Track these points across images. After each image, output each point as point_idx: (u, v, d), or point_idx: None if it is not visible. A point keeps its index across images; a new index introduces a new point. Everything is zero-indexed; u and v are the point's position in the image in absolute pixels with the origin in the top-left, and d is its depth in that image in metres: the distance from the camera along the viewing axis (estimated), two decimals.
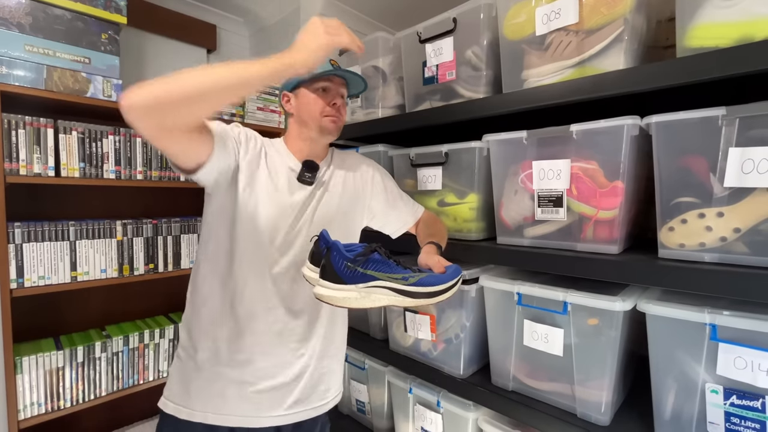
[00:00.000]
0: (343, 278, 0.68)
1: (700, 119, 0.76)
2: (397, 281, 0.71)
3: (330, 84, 0.92)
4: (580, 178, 0.92)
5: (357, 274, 0.69)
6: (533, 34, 1.00)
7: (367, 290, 0.70)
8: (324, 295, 0.69)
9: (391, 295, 0.71)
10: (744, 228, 0.73)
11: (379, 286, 0.70)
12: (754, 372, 0.71)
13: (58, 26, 1.14)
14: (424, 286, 0.73)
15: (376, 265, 0.71)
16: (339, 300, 0.68)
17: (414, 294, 0.72)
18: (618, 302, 0.84)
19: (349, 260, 0.69)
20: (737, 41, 0.72)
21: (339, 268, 0.68)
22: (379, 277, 0.70)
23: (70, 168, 1.21)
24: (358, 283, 0.69)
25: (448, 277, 0.76)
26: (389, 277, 0.71)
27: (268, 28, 1.83)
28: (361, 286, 0.69)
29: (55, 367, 1.22)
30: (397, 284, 0.71)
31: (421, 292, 0.73)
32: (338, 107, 0.91)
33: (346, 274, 0.68)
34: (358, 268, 0.69)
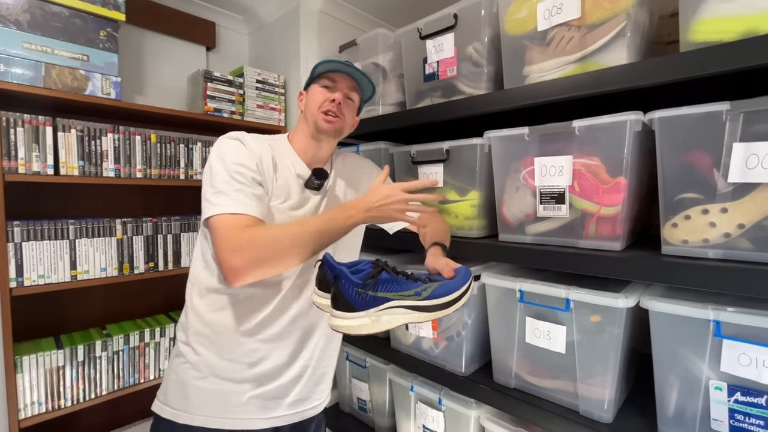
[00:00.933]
0: (356, 305, 0.66)
1: (703, 114, 0.75)
2: (411, 298, 0.69)
3: (335, 81, 0.90)
4: (582, 174, 0.92)
5: (369, 298, 0.66)
6: (535, 30, 0.99)
7: (382, 313, 0.67)
8: (340, 325, 0.66)
9: (407, 313, 0.69)
10: (748, 224, 0.73)
11: (394, 306, 0.68)
12: (759, 368, 0.71)
13: (56, 23, 1.14)
14: (438, 298, 0.71)
15: (387, 285, 0.68)
16: (355, 328, 0.66)
17: (429, 308, 0.70)
18: (621, 299, 0.84)
19: (358, 286, 0.66)
20: (741, 35, 0.71)
21: (350, 296, 0.66)
22: (391, 297, 0.68)
23: (69, 166, 1.20)
24: (371, 307, 0.66)
25: (459, 283, 0.74)
26: (401, 295, 0.69)
27: (268, 25, 1.82)
28: (374, 311, 0.66)
29: (55, 366, 1.22)
30: (411, 301, 0.69)
31: (437, 304, 0.71)
32: (338, 104, 0.89)
33: (358, 300, 0.66)
34: (369, 293, 0.66)
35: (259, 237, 0.72)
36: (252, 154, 0.82)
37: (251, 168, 0.80)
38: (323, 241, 0.75)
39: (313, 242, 0.74)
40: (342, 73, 0.90)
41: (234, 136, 0.85)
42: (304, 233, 0.73)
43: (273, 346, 0.87)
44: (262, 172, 0.82)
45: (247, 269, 0.71)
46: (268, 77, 1.65)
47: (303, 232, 0.73)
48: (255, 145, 0.84)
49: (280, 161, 0.88)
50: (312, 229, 0.74)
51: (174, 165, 1.44)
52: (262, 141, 0.88)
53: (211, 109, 1.48)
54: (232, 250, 0.71)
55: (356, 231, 1.05)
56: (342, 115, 0.90)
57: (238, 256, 0.70)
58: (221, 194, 0.76)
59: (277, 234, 0.73)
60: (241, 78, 1.58)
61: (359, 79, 0.92)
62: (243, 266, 0.70)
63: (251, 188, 0.78)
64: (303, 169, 0.91)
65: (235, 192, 0.76)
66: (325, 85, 0.90)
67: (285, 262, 0.74)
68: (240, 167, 0.79)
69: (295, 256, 0.73)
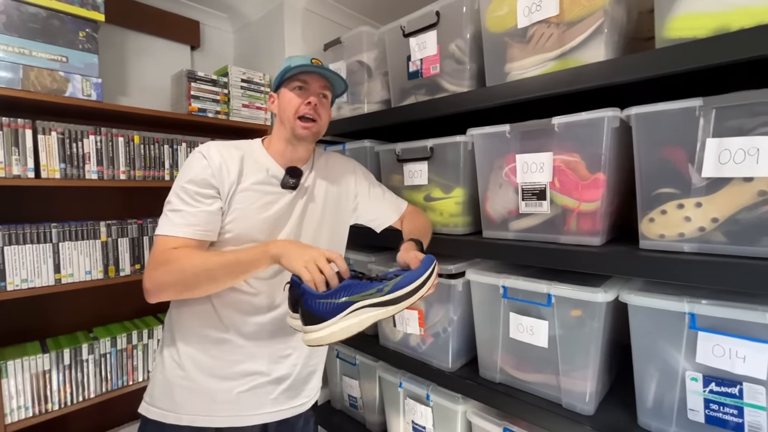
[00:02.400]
0: (323, 315, 0.68)
1: (678, 110, 0.76)
2: (373, 296, 0.72)
3: (307, 83, 0.90)
4: (562, 170, 0.93)
5: (333, 306, 0.69)
6: (515, 27, 0.99)
7: (349, 317, 0.70)
8: (312, 339, 0.69)
9: (373, 311, 0.72)
10: (722, 218, 0.74)
11: (359, 308, 0.71)
12: (732, 359, 0.72)
13: (34, 24, 1.12)
14: (400, 289, 0.74)
15: (349, 290, 0.71)
16: (327, 338, 0.68)
17: (394, 300, 0.73)
18: (600, 293, 0.85)
19: (320, 297, 0.69)
20: (714, 32, 0.72)
21: (315, 308, 0.68)
22: (354, 300, 0.71)
23: (50, 169, 1.19)
24: (337, 314, 0.69)
25: (420, 271, 0.77)
26: (364, 296, 0.72)
27: (253, 24, 1.81)
28: (340, 317, 0.69)
29: (41, 370, 1.21)
30: (374, 299, 0.72)
31: (400, 295, 0.74)
32: (314, 106, 0.89)
33: (323, 310, 0.68)
34: (332, 301, 0.69)
35: (172, 265, 0.76)
36: (210, 166, 0.83)
37: (202, 182, 0.82)
38: (232, 274, 0.77)
39: (224, 273, 0.76)
40: (313, 73, 0.90)
41: (199, 149, 0.87)
42: (207, 267, 0.75)
43: (259, 344, 0.88)
44: (221, 182, 0.84)
45: (153, 292, 0.77)
46: (254, 76, 1.64)
47: (207, 265, 0.75)
48: (219, 156, 0.85)
49: (251, 165, 0.89)
50: (215, 263, 0.76)
51: (158, 166, 1.43)
52: (232, 149, 0.88)
53: (195, 109, 1.47)
54: (149, 272, 0.78)
55: (341, 229, 1.06)
56: (319, 117, 0.91)
57: (149, 279, 0.77)
58: (165, 216, 0.82)
59: (185, 265, 0.76)
60: (225, 77, 1.57)
61: (330, 77, 0.92)
62: (151, 289, 0.77)
63: (195, 206, 0.81)
64: (277, 170, 0.91)
65: (175, 214, 0.81)
66: (297, 87, 0.90)
67: (192, 291, 0.78)
68: (190, 185, 0.82)
69: (201, 287, 0.77)
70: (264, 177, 0.89)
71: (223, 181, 0.83)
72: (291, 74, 0.89)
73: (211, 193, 0.82)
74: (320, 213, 0.97)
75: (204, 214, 0.81)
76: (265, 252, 0.75)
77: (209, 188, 0.82)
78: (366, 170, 1.15)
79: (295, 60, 0.90)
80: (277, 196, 0.90)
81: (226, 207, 0.84)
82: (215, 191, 0.83)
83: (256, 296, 0.87)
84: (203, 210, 0.81)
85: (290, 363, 0.92)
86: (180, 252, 0.77)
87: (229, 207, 0.84)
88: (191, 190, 0.81)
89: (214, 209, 0.82)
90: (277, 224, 0.89)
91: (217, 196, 0.83)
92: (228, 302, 0.85)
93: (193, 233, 0.80)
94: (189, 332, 0.86)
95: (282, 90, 0.92)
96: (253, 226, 0.86)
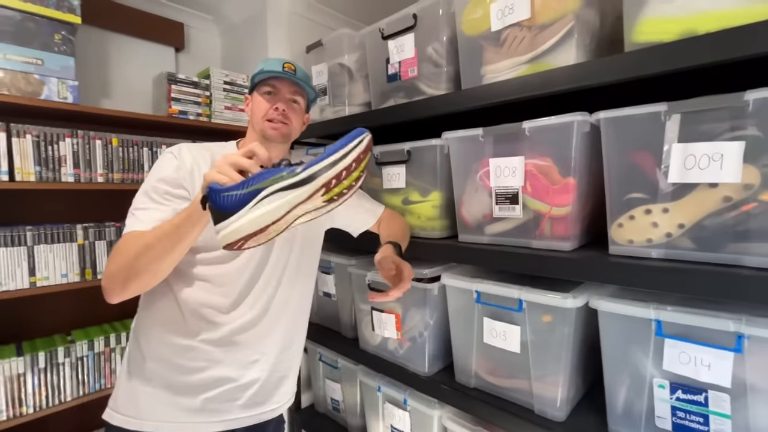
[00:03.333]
0: (228, 209, 0.60)
1: (645, 115, 0.75)
2: (284, 178, 0.61)
3: (276, 88, 0.90)
4: (534, 175, 0.92)
5: (239, 197, 0.60)
6: (489, 30, 0.99)
7: (258, 206, 0.60)
8: (221, 237, 0.60)
9: (287, 195, 0.60)
10: (688, 224, 0.73)
11: (269, 194, 0.60)
12: (697, 366, 0.72)
13: (7, 27, 1.11)
14: (315, 165, 0.61)
15: (259, 177, 0.61)
16: (235, 233, 0.59)
17: (311, 177, 0.60)
18: (569, 299, 0.84)
19: (225, 190, 0.60)
20: (680, 36, 0.72)
21: (220, 204, 0.60)
22: (262, 186, 0.60)
23: (25, 172, 1.18)
24: (245, 204, 0.60)
25: (340, 144, 0.62)
26: (274, 179, 0.61)
27: (237, 26, 1.80)
28: (249, 207, 0.60)
29: (15, 373, 1.21)
30: (286, 181, 0.60)
31: (319, 169, 0.60)
32: (282, 111, 0.89)
33: (228, 204, 0.60)
34: (237, 192, 0.60)
35: (114, 256, 0.73)
36: (180, 166, 0.82)
37: (173, 182, 0.80)
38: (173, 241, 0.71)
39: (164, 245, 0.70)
40: (283, 79, 0.89)
41: (170, 150, 0.85)
42: (145, 242, 0.71)
43: (225, 350, 0.87)
44: (192, 184, 0.82)
45: (107, 288, 0.74)
46: (237, 78, 1.64)
47: (145, 239, 0.71)
48: (191, 157, 0.84)
49: None
50: (153, 236, 0.71)
51: (137, 168, 1.43)
52: (203, 150, 0.88)
53: (175, 111, 1.47)
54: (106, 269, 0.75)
55: (316, 233, 1.05)
56: (289, 120, 0.90)
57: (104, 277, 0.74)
58: (131, 214, 0.79)
59: (124, 248, 0.72)
60: (207, 80, 1.56)
61: (300, 84, 0.91)
62: (104, 285, 0.74)
63: (165, 204, 0.79)
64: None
65: (142, 212, 0.78)
66: (267, 92, 0.90)
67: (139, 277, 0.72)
68: (160, 183, 0.80)
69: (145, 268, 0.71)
70: None
71: (194, 183, 0.82)
72: (261, 78, 0.89)
73: (181, 193, 0.81)
74: None
75: (173, 213, 0.78)
76: (193, 200, 0.69)
77: (180, 188, 0.81)
78: None
79: (269, 63, 0.89)
80: None
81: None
82: (186, 192, 0.81)
83: (224, 304, 0.86)
84: (173, 209, 0.78)
85: (258, 368, 0.91)
86: (127, 240, 0.74)
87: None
88: (161, 189, 0.79)
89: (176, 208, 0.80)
90: None
91: (188, 197, 0.81)
92: (193, 309, 0.84)
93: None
94: (154, 339, 0.85)
95: (254, 93, 0.92)
96: None
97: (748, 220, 0.67)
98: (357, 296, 1.31)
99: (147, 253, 0.70)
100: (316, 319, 1.50)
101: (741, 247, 0.68)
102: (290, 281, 0.96)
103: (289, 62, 0.90)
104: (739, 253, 0.68)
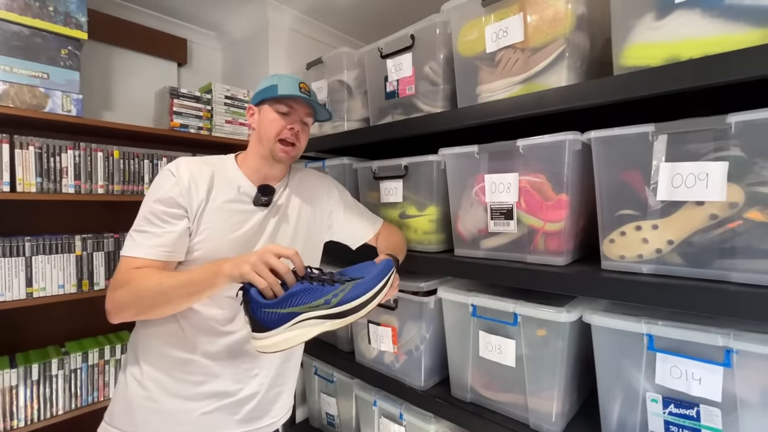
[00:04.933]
0: (267, 325, 0.67)
1: (634, 135, 0.78)
2: (320, 308, 0.69)
3: (293, 108, 0.91)
4: (528, 191, 0.94)
5: (278, 316, 0.67)
6: (484, 51, 1.02)
7: (293, 328, 0.68)
8: (257, 346, 0.68)
9: (320, 323, 0.69)
10: (677, 240, 0.76)
11: (304, 320, 0.69)
12: (689, 381, 0.73)
13: (16, 42, 1.14)
14: (349, 302, 0.71)
15: (296, 298, 0.68)
16: (271, 347, 0.67)
17: (341, 314, 0.70)
18: (563, 313, 0.86)
19: (265, 306, 0.67)
20: (665, 61, 0.75)
21: (260, 317, 0.67)
22: (300, 311, 0.68)
23: (26, 183, 1.20)
24: (282, 324, 0.67)
25: (373, 282, 0.73)
26: (310, 307, 0.69)
27: (239, 42, 1.84)
28: (284, 327, 0.67)
29: (8, 385, 1.19)
30: (321, 311, 0.69)
31: (349, 309, 0.70)
32: (296, 133, 0.90)
33: (268, 319, 0.67)
34: (277, 311, 0.67)
35: (127, 287, 0.76)
36: (178, 184, 0.83)
37: (169, 201, 0.82)
38: (189, 295, 0.76)
39: (177, 295, 0.75)
40: (299, 100, 0.90)
41: (168, 166, 0.87)
42: (163, 289, 0.75)
43: (224, 364, 0.87)
44: (189, 201, 0.83)
45: (113, 313, 0.78)
46: (237, 93, 1.67)
47: (162, 287, 0.75)
48: (188, 173, 0.85)
49: (221, 183, 0.89)
50: (170, 285, 0.75)
51: (138, 180, 1.44)
52: (202, 165, 0.88)
53: (177, 124, 1.49)
54: (110, 293, 0.79)
55: (314, 247, 1.06)
56: (298, 142, 0.92)
57: (109, 300, 0.79)
58: (131, 237, 0.82)
59: (142, 286, 0.76)
60: (209, 94, 1.59)
61: (316, 108, 0.93)
62: (110, 310, 0.79)
63: (162, 227, 0.81)
64: (249, 188, 0.92)
65: (141, 235, 0.81)
66: (282, 112, 0.90)
67: (149, 313, 0.78)
68: (157, 204, 0.82)
69: (158, 308, 0.77)
70: (235, 195, 0.89)
71: (191, 200, 0.83)
72: (279, 96, 0.89)
73: (178, 212, 0.82)
74: (293, 231, 0.97)
75: (170, 235, 0.81)
76: (219, 270, 0.72)
77: (177, 207, 0.82)
78: (341, 187, 1.17)
79: (284, 81, 0.89)
80: (249, 215, 0.90)
81: (194, 226, 0.84)
82: (183, 210, 0.83)
83: (222, 318, 0.86)
84: (169, 231, 0.81)
85: (257, 383, 0.91)
86: (139, 272, 0.77)
87: (197, 226, 0.84)
88: (158, 210, 0.81)
89: (181, 229, 0.82)
90: (247, 243, 0.89)
91: (185, 215, 0.83)
92: (192, 323, 0.84)
93: (158, 254, 0.80)
94: (153, 352, 0.85)
95: (265, 107, 0.91)
96: (222, 246, 0.86)
97: (734, 237, 0.69)
98: None
99: (162, 298, 0.75)
100: None
101: (728, 263, 0.70)
102: None
103: (304, 82, 0.92)
104: (726, 269, 0.70)
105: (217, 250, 0.85)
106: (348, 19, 1.78)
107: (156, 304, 0.76)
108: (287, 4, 1.65)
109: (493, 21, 0.99)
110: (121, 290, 0.76)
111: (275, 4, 1.63)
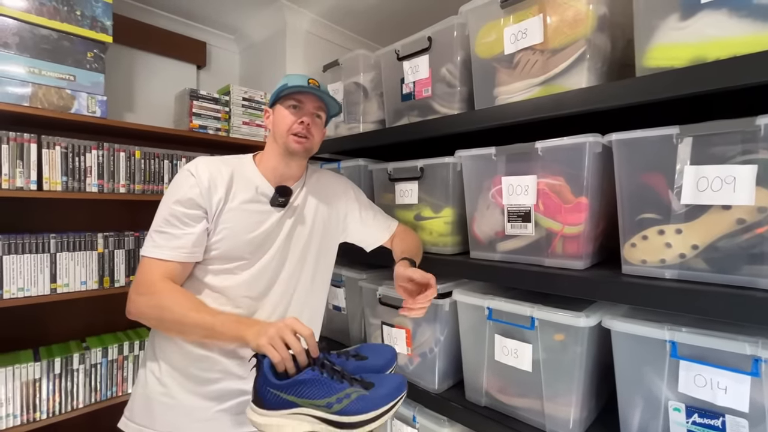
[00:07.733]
0: (267, 404, 0.67)
1: (657, 137, 0.77)
2: (321, 408, 0.67)
3: (302, 102, 0.92)
4: (546, 193, 0.93)
5: (280, 400, 0.67)
6: (502, 53, 1.02)
7: (289, 417, 0.67)
8: (252, 420, 0.68)
9: (314, 423, 0.68)
10: (702, 245, 0.74)
11: (302, 414, 0.68)
12: (714, 390, 0.71)
13: (45, 46, 1.18)
14: (350, 415, 0.67)
15: (302, 387, 0.67)
16: (262, 426, 0.67)
17: (338, 425, 0.67)
18: (582, 318, 0.84)
19: (271, 386, 0.67)
20: (691, 62, 0.73)
21: (262, 393, 0.67)
22: (301, 403, 0.67)
23: (52, 182, 1.23)
24: (280, 409, 0.67)
25: (381, 401, 0.70)
26: (312, 403, 0.67)
27: (257, 44, 1.87)
28: (282, 413, 0.67)
29: (31, 378, 1.23)
30: (319, 412, 0.67)
31: (347, 423, 0.67)
32: (307, 125, 0.91)
33: (268, 398, 0.67)
34: (280, 394, 0.67)
35: (154, 299, 0.79)
36: (198, 184, 0.84)
37: (189, 203, 0.83)
38: (206, 337, 0.79)
39: (195, 332, 0.78)
40: (309, 94, 0.92)
41: (188, 166, 0.88)
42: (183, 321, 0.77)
43: (241, 361, 0.88)
44: (208, 201, 0.85)
45: (134, 315, 0.81)
46: (255, 95, 1.70)
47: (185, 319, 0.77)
48: (207, 173, 0.86)
49: (240, 183, 0.90)
50: (193, 322, 0.77)
51: (158, 180, 1.47)
52: (221, 165, 0.90)
53: (196, 126, 1.52)
54: (134, 295, 0.81)
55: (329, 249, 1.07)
56: (311, 135, 0.92)
57: (132, 303, 0.81)
58: (151, 237, 0.84)
59: (165, 306, 0.78)
60: (227, 96, 1.62)
61: (325, 99, 0.94)
62: (132, 312, 0.81)
63: (181, 228, 0.83)
64: (267, 188, 0.93)
65: (161, 236, 0.83)
66: (292, 106, 0.91)
67: (168, 330, 0.83)
68: (177, 206, 0.83)
69: (173, 332, 0.82)
70: (253, 195, 0.91)
71: (210, 200, 0.85)
72: (287, 93, 0.91)
73: (197, 213, 0.84)
74: (308, 233, 0.98)
75: (189, 237, 0.82)
76: (240, 335, 0.73)
77: (196, 209, 0.84)
78: (358, 189, 1.17)
79: (293, 79, 0.91)
80: (266, 215, 0.91)
81: (212, 226, 0.86)
82: (202, 211, 0.84)
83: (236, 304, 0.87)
84: (189, 233, 0.82)
85: None
86: (167, 289, 0.79)
87: (216, 226, 0.86)
88: (178, 212, 0.83)
89: (200, 231, 0.83)
90: (263, 244, 0.90)
91: (204, 216, 0.84)
92: None
93: (177, 256, 0.81)
94: (171, 349, 0.86)
95: (277, 106, 0.93)
96: (239, 245, 0.87)
97: (762, 242, 0.67)
98: (367, 310, 1.31)
99: (181, 328, 0.79)
100: (326, 333, 1.50)
101: (756, 269, 0.68)
102: (305, 293, 0.97)
103: (313, 78, 0.93)
104: (754, 275, 0.68)
105: (234, 249, 0.86)
106: (364, 21, 1.79)
107: (173, 330, 0.81)
108: (305, 7, 1.67)
109: (512, 22, 0.98)
110: (144, 299, 0.79)
111: (293, 7, 1.66)
